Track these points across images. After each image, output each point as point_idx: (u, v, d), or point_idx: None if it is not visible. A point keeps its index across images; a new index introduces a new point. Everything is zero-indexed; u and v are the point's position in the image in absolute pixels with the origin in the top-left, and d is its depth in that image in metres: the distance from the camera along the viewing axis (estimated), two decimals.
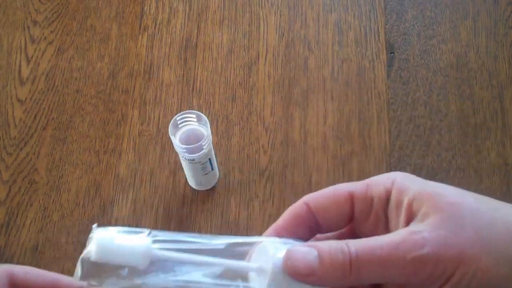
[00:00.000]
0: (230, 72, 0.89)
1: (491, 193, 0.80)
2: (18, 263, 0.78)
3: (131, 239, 0.37)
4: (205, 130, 0.72)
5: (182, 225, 0.79)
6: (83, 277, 0.36)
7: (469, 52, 0.89)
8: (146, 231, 0.37)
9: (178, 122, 0.72)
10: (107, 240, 0.36)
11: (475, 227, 0.36)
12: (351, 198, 0.42)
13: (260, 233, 0.41)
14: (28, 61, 0.90)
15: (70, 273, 0.82)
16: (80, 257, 0.36)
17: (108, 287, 0.37)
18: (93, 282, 0.37)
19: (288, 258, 0.37)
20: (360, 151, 0.83)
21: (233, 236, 0.39)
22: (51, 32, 0.92)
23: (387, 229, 0.40)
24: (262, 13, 0.93)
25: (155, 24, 0.92)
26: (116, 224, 0.79)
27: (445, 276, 0.35)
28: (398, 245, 0.36)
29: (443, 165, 0.82)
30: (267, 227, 0.41)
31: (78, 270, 0.36)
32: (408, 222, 0.38)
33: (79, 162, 0.83)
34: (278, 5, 0.93)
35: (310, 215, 0.41)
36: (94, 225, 0.37)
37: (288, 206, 0.47)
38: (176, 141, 0.72)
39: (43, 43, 0.91)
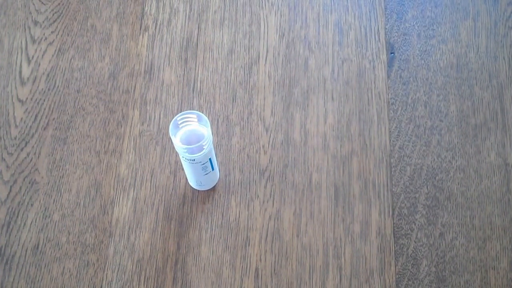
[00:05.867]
0: (231, 72, 0.89)
1: (491, 193, 0.80)
2: (19, 263, 0.78)
3: None
4: (206, 130, 0.72)
5: (182, 225, 0.79)
6: None
7: (469, 52, 0.89)
8: None
9: (179, 122, 0.72)
10: None
11: None
12: None
13: (260, 233, 0.41)
14: (29, 61, 0.90)
15: (71, 272, 0.83)
16: None
17: None
18: None
19: None
20: (360, 151, 0.83)
21: None
22: (52, 32, 0.92)
23: None
24: (263, 13, 0.93)
25: (156, 24, 0.93)
26: (117, 224, 0.79)
27: None
28: None
29: (443, 165, 0.82)
30: (267, 227, 0.41)
31: None
32: None
33: (80, 162, 0.83)
34: (278, 6, 0.93)
35: None
36: None
37: (289, 206, 0.47)
38: (176, 141, 0.72)
39: (44, 43, 0.92)
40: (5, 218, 0.80)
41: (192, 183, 0.80)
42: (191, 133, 0.74)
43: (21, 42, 0.92)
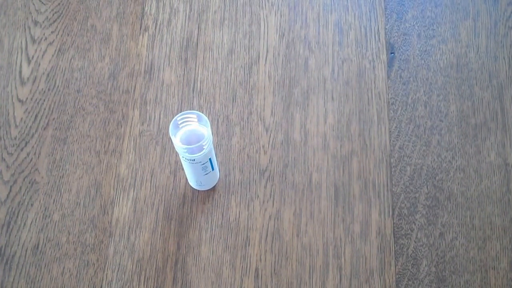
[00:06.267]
0: (231, 72, 0.89)
1: (491, 193, 0.80)
2: (19, 263, 0.78)
3: None
4: (206, 130, 0.72)
5: (182, 225, 0.79)
6: None
7: (469, 52, 0.89)
8: None
9: (179, 122, 0.72)
10: None
11: None
12: None
13: (260, 233, 0.41)
14: (29, 61, 0.90)
15: (71, 272, 0.83)
16: None
17: None
18: None
19: None
20: (360, 151, 0.83)
21: None
22: (52, 32, 0.92)
23: None
24: (263, 13, 0.93)
25: (156, 24, 0.93)
26: (117, 224, 0.79)
27: None
28: None
29: (443, 165, 0.82)
30: (267, 227, 0.41)
31: None
32: None
33: (80, 162, 0.83)
34: (278, 6, 0.93)
35: None
36: None
37: (289, 206, 0.47)
38: (176, 141, 0.72)
39: (44, 43, 0.92)
40: (5, 218, 0.80)
41: (192, 183, 0.80)
42: (191, 133, 0.74)
43: (21, 42, 0.92)
